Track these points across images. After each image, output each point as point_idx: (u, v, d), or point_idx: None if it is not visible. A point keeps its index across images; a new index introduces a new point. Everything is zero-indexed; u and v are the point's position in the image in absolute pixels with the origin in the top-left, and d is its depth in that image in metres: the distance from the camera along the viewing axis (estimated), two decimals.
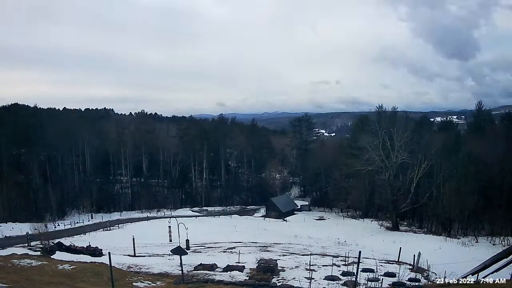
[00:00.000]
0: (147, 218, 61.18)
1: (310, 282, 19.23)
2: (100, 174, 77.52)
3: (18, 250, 26.35)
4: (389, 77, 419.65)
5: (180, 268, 18.43)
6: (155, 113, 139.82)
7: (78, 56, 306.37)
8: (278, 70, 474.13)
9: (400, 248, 28.96)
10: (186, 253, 23.14)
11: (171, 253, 21.86)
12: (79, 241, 34.71)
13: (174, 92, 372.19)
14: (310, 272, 22.10)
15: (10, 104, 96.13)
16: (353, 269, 21.40)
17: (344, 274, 21.72)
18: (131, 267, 22.57)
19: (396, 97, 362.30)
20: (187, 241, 34.92)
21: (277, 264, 22.71)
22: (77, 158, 75.12)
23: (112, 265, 12.97)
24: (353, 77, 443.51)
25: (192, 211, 70.92)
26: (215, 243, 38.93)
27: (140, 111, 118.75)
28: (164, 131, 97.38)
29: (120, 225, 53.18)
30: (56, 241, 29.36)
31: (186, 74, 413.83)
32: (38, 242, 29.26)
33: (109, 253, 13.18)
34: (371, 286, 17.63)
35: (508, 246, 33.71)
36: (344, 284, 19.14)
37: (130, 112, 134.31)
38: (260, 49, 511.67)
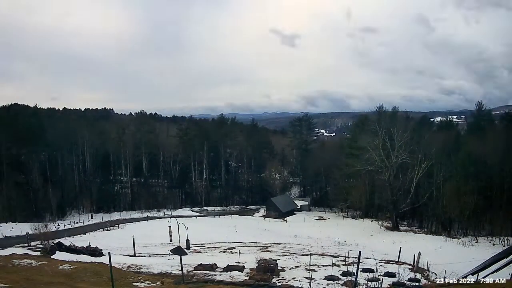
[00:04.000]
0: (147, 218, 61.15)
1: (310, 282, 19.24)
2: (100, 174, 77.47)
3: (18, 250, 26.36)
4: None
5: (180, 268, 18.43)
6: (155, 113, 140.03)
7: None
8: None
9: (400, 248, 28.95)
10: (186, 253, 23.18)
11: (171, 253, 21.87)
12: (79, 241, 34.66)
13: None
14: (310, 272, 22.10)
15: (10, 104, 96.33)
16: (353, 269, 21.40)
17: (344, 274, 21.72)
18: (131, 267, 22.57)
19: None
20: (187, 241, 34.89)
21: (277, 264, 22.71)
22: (77, 158, 75.06)
23: (112, 265, 12.97)
24: None
25: (192, 211, 70.92)
26: (215, 243, 38.92)
27: (140, 111, 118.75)
28: (164, 131, 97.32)
29: (120, 225, 53.17)
30: (56, 241, 29.28)
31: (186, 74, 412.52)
32: (38, 242, 29.20)
33: (109, 253, 13.18)
34: (371, 286, 17.64)
35: (508, 246, 33.72)
36: (344, 284, 19.15)
37: (130, 112, 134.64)
38: None
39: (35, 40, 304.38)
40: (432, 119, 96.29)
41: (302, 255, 30.61)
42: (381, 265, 24.52)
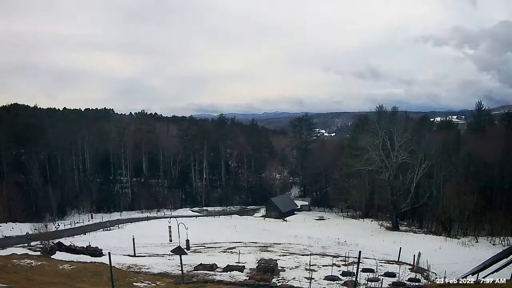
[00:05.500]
0: (147, 218, 61.16)
1: (310, 282, 19.26)
2: (100, 174, 77.54)
3: (18, 250, 26.39)
4: None
5: (180, 268, 18.45)
6: (155, 113, 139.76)
7: None
8: None
9: (400, 248, 28.97)
10: (186, 253, 23.17)
11: (171, 253, 21.89)
12: (79, 241, 34.66)
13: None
14: (310, 272, 22.11)
15: (10, 104, 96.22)
16: (353, 269, 21.40)
17: (344, 274, 21.73)
18: (131, 267, 22.57)
19: None
20: (187, 241, 34.90)
21: (277, 264, 22.72)
22: (77, 158, 75.09)
23: (112, 265, 12.98)
24: None
25: (192, 211, 70.91)
26: (215, 243, 38.93)
27: (140, 111, 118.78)
28: (164, 131, 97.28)
29: (120, 225, 53.15)
30: (56, 241, 29.33)
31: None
32: (38, 242, 29.26)
33: (109, 253, 13.20)
34: (371, 286, 17.67)
35: (508, 246, 33.74)
36: (344, 284, 19.17)
37: (130, 112, 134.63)
38: None
39: None
40: (432, 119, 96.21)
41: (302, 255, 30.62)
42: (381, 265, 24.53)
